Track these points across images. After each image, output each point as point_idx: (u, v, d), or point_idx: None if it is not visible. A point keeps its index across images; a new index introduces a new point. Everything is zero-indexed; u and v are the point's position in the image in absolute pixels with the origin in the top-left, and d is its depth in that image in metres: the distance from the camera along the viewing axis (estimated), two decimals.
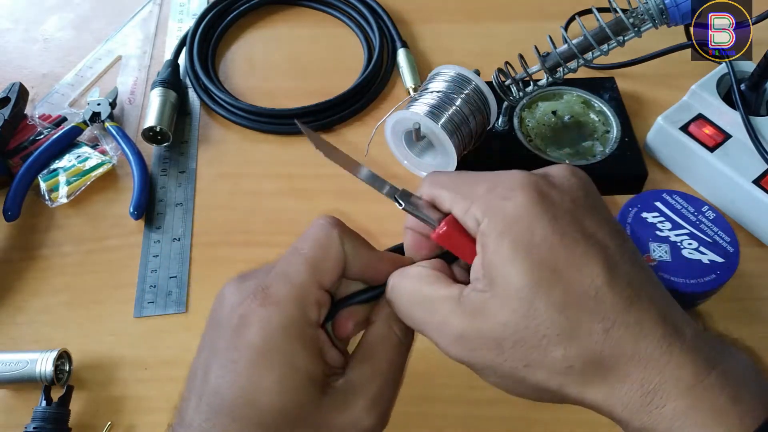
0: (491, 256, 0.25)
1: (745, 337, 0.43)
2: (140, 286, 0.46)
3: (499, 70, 0.47)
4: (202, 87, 0.58)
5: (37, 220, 0.50)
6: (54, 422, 0.38)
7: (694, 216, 0.45)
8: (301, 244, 0.28)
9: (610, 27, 0.42)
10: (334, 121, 0.56)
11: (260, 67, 0.61)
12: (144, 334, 0.44)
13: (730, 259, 0.43)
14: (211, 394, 0.25)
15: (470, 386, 0.41)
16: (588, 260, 0.24)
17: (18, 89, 0.55)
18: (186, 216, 0.50)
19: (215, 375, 0.25)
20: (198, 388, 0.26)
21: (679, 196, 0.46)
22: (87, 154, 0.53)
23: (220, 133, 0.56)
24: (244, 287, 0.27)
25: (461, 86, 0.44)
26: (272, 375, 0.24)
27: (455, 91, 0.44)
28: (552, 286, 0.24)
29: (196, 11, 0.66)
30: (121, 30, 0.65)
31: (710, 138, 0.48)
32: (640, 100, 0.56)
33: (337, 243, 0.28)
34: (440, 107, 0.43)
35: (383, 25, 0.63)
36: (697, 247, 0.43)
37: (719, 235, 0.44)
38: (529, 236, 0.24)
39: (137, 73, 0.61)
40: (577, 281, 0.24)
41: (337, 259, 0.27)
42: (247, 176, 0.53)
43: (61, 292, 0.46)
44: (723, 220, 0.45)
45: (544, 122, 0.53)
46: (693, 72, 0.53)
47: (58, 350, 0.40)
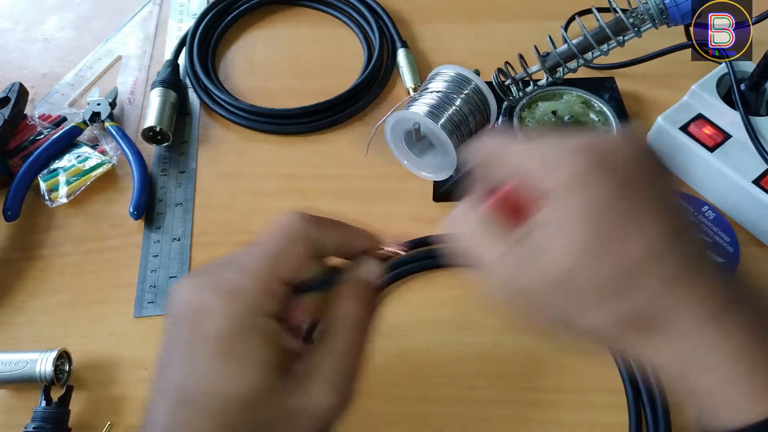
0: (555, 211, 0.26)
1: None
2: (140, 286, 0.46)
3: (498, 70, 0.48)
4: (202, 87, 0.58)
5: (37, 220, 0.50)
6: (54, 422, 0.38)
7: (694, 216, 0.45)
8: (261, 238, 0.28)
9: (610, 27, 0.42)
10: (334, 121, 0.56)
11: (260, 67, 0.61)
12: (144, 334, 0.44)
13: (730, 259, 0.43)
14: (172, 389, 0.25)
15: (470, 386, 0.41)
16: (647, 227, 0.25)
17: (18, 89, 0.55)
18: (186, 216, 0.50)
19: (175, 369, 0.25)
20: (160, 385, 0.26)
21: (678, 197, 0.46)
22: (87, 154, 0.53)
23: (220, 133, 0.56)
24: (200, 282, 0.27)
25: (461, 86, 0.44)
26: (230, 365, 0.25)
27: (455, 91, 0.44)
28: (611, 245, 0.25)
29: (196, 11, 0.66)
30: (121, 30, 0.65)
31: (710, 138, 0.48)
32: (640, 100, 0.56)
33: (299, 234, 0.28)
34: (440, 107, 0.43)
35: (383, 25, 0.63)
36: None
37: (719, 235, 0.44)
38: (591, 197, 0.25)
39: (137, 73, 0.61)
40: (635, 245, 0.25)
41: (297, 250, 0.27)
42: (247, 176, 0.53)
43: (61, 292, 0.46)
44: (723, 220, 0.45)
45: (543, 122, 0.53)
46: (693, 72, 0.53)
47: (58, 350, 0.40)
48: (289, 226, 0.28)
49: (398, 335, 0.43)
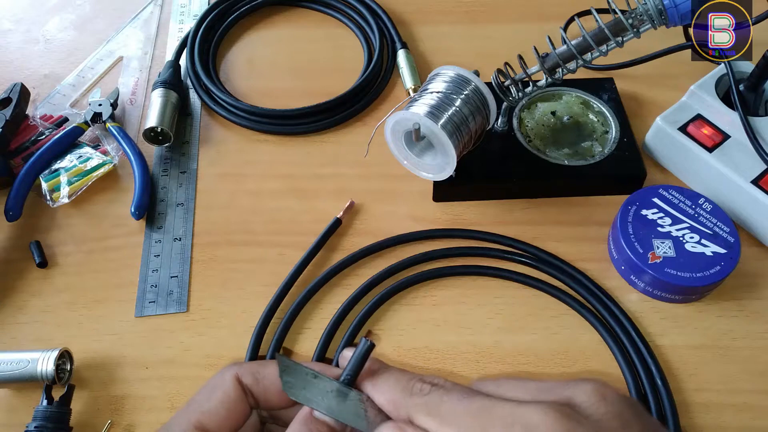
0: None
1: (746, 337, 0.43)
2: (141, 286, 0.46)
3: (498, 71, 0.48)
4: (203, 88, 0.59)
5: (38, 220, 0.50)
6: (55, 421, 0.38)
7: (692, 209, 0.45)
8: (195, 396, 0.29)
9: (609, 28, 0.42)
10: (334, 121, 0.56)
11: (261, 68, 0.62)
12: (145, 334, 0.44)
13: (732, 250, 0.43)
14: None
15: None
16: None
17: (19, 90, 0.55)
18: (187, 216, 0.50)
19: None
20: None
21: (675, 191, 0.46)
22: (88, 154, 0.53)
23: (221, 133, 0.56)
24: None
25: (461, 87, 0.44)
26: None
27: (455, 91, 0.44)
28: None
29: (197, 12, 0.66)
30: (122, 31, 0.66)
31: (709, 138, 0.49)
32: (639, 100, 0.56)
33: (227, 383, 0.28)
34: (440, 108, 0.43)
35: (383, 26, 0.63)
36: (699, 240, 0.44)
37: (719, 226, 0.44)
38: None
39: (138, 73, 0.61)
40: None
41: (222, 398, 0.28)
42: (248, 176, 0.53)
43: (62, 292, 0.46)
44: (720, 211, 0.45)
45: (543, 123, 0.53)
46: (692, 72, 0.53)
47: (60, 349, 0.40)
48: (219, 375, 0.29)
49: (398, 335, 0.44)
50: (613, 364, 0.42)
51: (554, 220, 0.49)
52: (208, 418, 0.27)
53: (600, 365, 0.42)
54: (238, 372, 0.29)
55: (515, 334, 0.43)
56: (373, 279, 0.45)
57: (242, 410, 0.28)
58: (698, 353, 0.42)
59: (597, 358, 0.42)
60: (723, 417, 0.40)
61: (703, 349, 0.42)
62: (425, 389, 0.26)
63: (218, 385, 0.28)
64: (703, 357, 0.42)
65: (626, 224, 0.45)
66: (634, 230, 0.44)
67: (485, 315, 0.44)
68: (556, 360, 0.42)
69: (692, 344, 0.43)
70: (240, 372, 0.29)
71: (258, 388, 0.28)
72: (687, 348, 0.42)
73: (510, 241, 0.47)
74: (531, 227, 0.48)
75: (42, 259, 0.47)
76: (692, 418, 0.40)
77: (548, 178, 0.49)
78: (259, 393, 0.29)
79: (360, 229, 0.49)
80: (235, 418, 0.28)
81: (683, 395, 0.40)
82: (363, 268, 0.47)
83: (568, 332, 0.43)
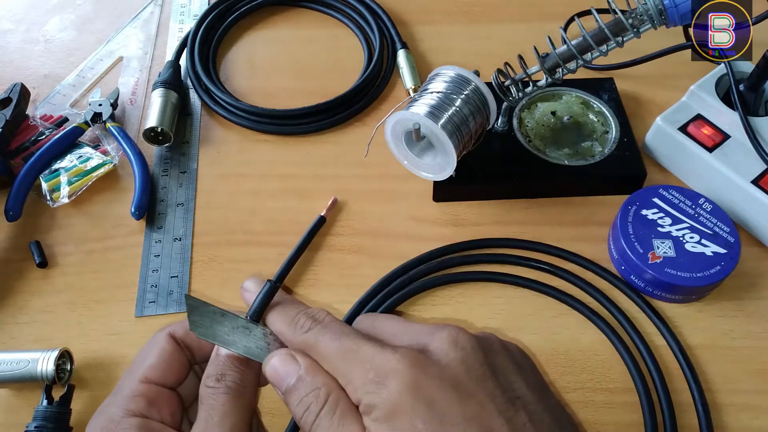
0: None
1: (746, 337, 0.43)
2: (141, 286, 0.46)
3: (498, 71, 0.48)
4: (203, 88, 0.59)
5: (38, 220, 0.50)
6: (55, 421, 0.38)
7: (692, 209, 0.45)
8: None
9: (609, 28, 0.42)
10: (334, 121, 0.56)
11: (261, 68, 0.62)
12: (145, 334, 0.44)
13: (732, 250, 0.43)
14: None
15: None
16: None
17: (19, 90, 0.55)
18: (187, 216, 0.50)
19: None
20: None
21: (675, 191, 0.46)
22: (88, 154, 0.53)
23: (221, 133, 0.56)
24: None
25: (461, 87, 0.44)
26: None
27: (455, 91, 0.44)
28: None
29: (197, 12, 0.66)
30: (122, 31, 0.66)
31: (709, 138, 0.49)
32: (639, 100, 0.56)
33: (162, 340, 0.30)
34: (440, 108, 0.43)
35: (383, 26, 0.63)
36: (699, 240, 0.44)
37: (719, 226, 0.44)
38: (407, 426, 0.24)
39: (138, 73, 0.61)
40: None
41: (159, 353, 0.29)
42: (248, 176, 0.53)
43: (62, 292, 0.46)
44: (720, 211, 0.45)
45: (543, 123, 0.53)
46: (692, 72, 0.53)
47: (60, 349, 0.40)
48: (153, 337, 0.31)
49: None
50: (614, 363, 0.42)
51: (554, 220, 0.49)
52: (151, 371, 0.29)
53: (601, 365, 0.42)
54: (170, 329, 0.31)
55: (515, 335, 0.43)
56: (376, 285, 0.45)
57: (180, 361, 0.30)
58: (698, 353, 0.42)
59: (597, 358, 0.42)
60: (723, 417, 0.40)
61: (703, 349, 0.42)
62: (306, 325, 0.28)
63: (155, 343, 0.30)
64: (703, 357, 0.42)
65: (626, 224, 0.45)
66: (634, 230, 0.44)
67: (485, 315, 0.44)
68: (557, 360, 0.42)
69: (692, 344, 0.43)
70: (171, 329, 0.31)
71: (190, 340, 0.30)
72: (687, 348, 0.42)
73: (524, 243, 0.47)
74: (531, 227, 0.49)
75: (42, 259, 0.47)
76: (692, 418, 0.40)
77: (548, 178, 0.49)
78: (193, 344, 0.30)
79: (360, 229, 0.49)
80: (175, 368, 0.30)
81: (683, 395, 0.40)
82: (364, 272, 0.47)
83: (568, 332, 0.43)
